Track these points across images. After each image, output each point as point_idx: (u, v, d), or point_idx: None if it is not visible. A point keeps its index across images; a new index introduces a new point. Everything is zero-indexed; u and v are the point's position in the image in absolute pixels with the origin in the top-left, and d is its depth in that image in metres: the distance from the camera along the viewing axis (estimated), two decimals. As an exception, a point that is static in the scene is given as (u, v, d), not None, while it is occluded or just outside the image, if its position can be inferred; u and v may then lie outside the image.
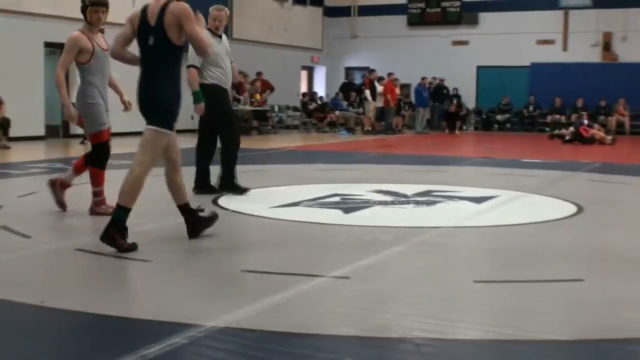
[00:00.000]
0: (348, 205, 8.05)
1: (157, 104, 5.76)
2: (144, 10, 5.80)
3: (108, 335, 3.82)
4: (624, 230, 6.99)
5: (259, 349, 3.56)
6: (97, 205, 7.21)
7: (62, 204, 7.38)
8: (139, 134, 6.01)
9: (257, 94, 22.47)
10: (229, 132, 8.64)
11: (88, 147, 8.37)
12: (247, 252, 5.95)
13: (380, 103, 24.05)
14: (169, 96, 5.78)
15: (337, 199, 8.48)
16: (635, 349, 3.65)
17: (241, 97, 21.13)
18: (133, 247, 5.58)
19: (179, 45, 5.76)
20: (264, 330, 3.80)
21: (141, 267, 5.29)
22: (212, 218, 6.20)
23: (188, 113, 7.89)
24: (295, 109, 26.38)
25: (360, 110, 24.87)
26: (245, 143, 10.58)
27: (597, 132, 19.99)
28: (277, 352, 3.52)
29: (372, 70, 24.69)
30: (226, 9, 8.69)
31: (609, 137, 20.06)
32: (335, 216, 7.40)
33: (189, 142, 9.01)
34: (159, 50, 5.74)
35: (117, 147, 7.36)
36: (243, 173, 9.41)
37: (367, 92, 23.98)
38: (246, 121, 21.67)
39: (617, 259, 5.65)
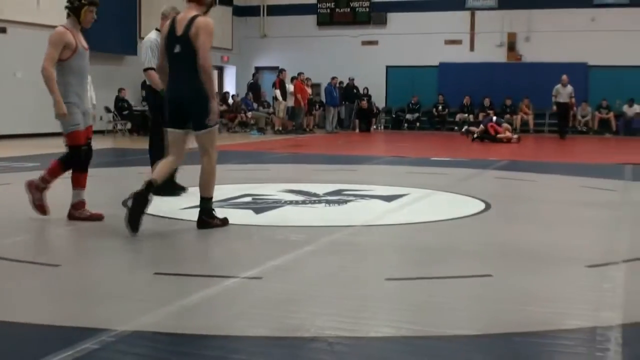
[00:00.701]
0: (259, 205, 8.04)
1: (196, 108, 6.39)
2: (173, 22, 6.53)
3: (14, 343, 3.72)
4: (529, 226, 7.17)
5: (172, 352, 3.53)
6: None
7: (98, 217, 6.97)
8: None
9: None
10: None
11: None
12: (158, 254, 5.87)
13: (290, 103, 24.10)
14: (202, 95, 6.37)
15: (248, 199, 8.47)
16: (541, 341, 3.75)
17: None
18: (226, 221, 6.58)
19: None
20: (177, 333, 3.77)
21: (50, 271, 5.16)
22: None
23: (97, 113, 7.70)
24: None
25: (271, 110, 24.86)
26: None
27: (504, 135, 20.33)
28: (190, 354, 3.50)
29: (282, 70, 24.71)
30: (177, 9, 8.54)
31: (515, 136, 20.55)
32: (246, 216, 7.38)
33: (104, 143, 8.82)
34: (183, 58, 6.39)
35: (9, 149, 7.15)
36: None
37: (278, 92, 23.99)
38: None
39: (523, 254, 5.80)
